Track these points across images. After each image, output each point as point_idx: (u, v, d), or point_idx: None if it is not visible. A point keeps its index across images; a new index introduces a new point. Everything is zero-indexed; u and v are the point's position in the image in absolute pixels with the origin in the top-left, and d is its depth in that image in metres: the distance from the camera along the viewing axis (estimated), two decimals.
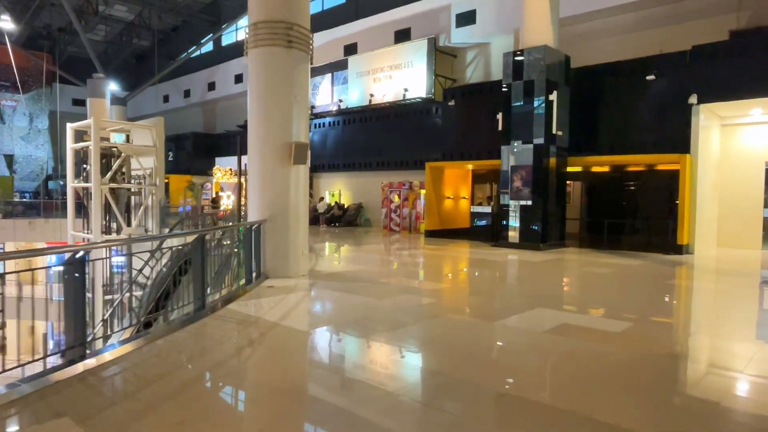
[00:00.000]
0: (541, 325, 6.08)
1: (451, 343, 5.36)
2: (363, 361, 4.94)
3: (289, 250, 9.19)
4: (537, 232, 14.05)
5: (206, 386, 4.16)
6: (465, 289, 8.73)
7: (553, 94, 13.99)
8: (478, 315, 6.73)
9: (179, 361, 4.70)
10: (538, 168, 14.04)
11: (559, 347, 5.24)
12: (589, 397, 3.87)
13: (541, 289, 8.75)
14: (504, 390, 4.05)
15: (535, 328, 6.01)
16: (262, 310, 6.70)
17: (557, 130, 14.28)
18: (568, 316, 6.55)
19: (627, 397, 3.90)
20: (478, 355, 5.01)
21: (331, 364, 4.89)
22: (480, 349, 5.22)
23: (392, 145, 21.81)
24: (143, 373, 4.31)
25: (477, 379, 4.23)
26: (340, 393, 4.05)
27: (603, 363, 4.74)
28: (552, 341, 5.45)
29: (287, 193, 9.15)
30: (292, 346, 5.26)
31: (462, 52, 21.38)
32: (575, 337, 5.59)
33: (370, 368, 4.69)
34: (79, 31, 25.78)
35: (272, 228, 9.06)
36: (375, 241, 16.63)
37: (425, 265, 11.80)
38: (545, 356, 5.00)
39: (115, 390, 4.05)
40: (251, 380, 4.44)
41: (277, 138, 9.04)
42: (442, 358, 4.94)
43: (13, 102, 32.17)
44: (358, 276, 9.85)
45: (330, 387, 4.17)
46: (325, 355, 5.14)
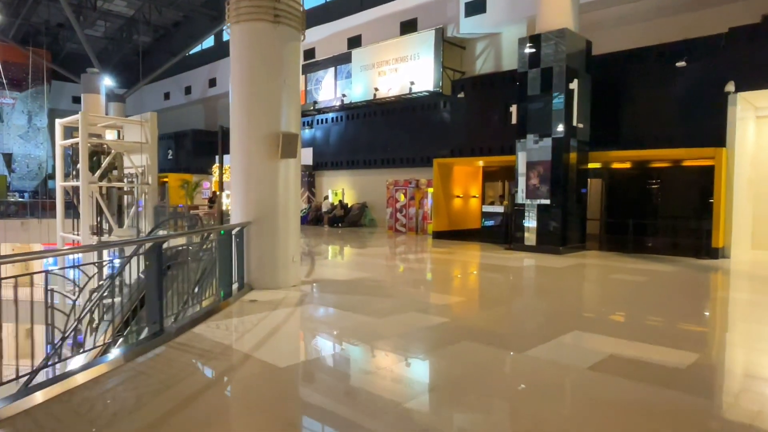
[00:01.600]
0: (583, 358, 4.72)
1: (472, 389, 4.01)
2: (358, 416, 3.60)
3: (278, 257, 7.88)
4: (556, 234, 12.66)
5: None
6: (482, 305, 7.37)
7: (574, 82, 12.58)
8: (503, 342, 5.38)
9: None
10: (557, 164, 12.63)
11: (614, 394, 3.88)
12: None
13: (572, 303, 7.38)
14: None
15: (576, 362, 4.65)
16: (235, 335, 5.38)
17: (578, 123, 12.88)
18: (613, 344, 5.18)
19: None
20: (509, 413, 3.67)
21: (313, 424, 3.56)
22: (511, 402, 3.87)
23: (398, 141, 20.47)
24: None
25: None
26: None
27: (680, 421, 3.38)
28: (602, 384, 4.09)
29: (275, 191, 7.83)
30: (262, 394, 3.93)
31: (471, 44, 20.00)
32: (630, 378, 4.22)
33: (368, 428, 3.36)
34: (75, 26, 24.60)
35: (258, 231, 7.76)
36: (379, 244, 15.28)
37: (434, 272, 10.45)
38: (599, 411, 3.64)
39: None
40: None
41: (263, 128, 7.72)
42: (463, 417, 3.60)
43: (11, 100, 31.08)
44: (358, 286, 8.51)
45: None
46: (305, 409, 3.81)
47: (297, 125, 8.07)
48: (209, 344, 5.01)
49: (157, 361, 4.52)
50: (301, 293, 7.53)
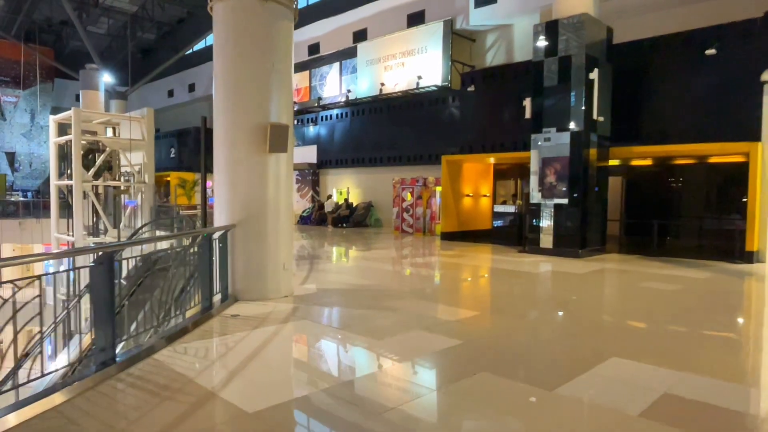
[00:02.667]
0: (630, 399, 3.70)
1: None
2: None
3: (266, 265, 6.91)
4: (574, 236, 11.60)
5: None
6: (498, 321, 6.35)
7: (594, 72, 11.51)
8: (528, 374, 4.37)
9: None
10: (576, 160, 11.57)
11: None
12: None
13: (603, 320, 6.34)
14: None
15: (622, 404, 3.63)
16: (203, 363, 4.42)
17: (598, 116, 11.80)
18: (665, 377, 4.16)
19: None
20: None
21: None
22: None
23: (405, 138, 19.46)
24: None
25: None
26: None
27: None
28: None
29: (264, 190, 6.86)
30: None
31: (481, 36, 18.93)
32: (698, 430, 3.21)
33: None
34: (75, 21, 23.83)
35: (244, 235, 6.79)
36: (384, 245, 14.29)
37: (442, 279, 9.44)
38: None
39: None
40: None
41: (250, 119, 6.75)
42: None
43: (14, 98, 30.40)
44: (358, 296, 7.53)
45: None
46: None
47: (288, 115, 7.10)
48: (167, 377, 4.04)
49: (95, 402, 3.56)
50: (292, 306, 6.56)
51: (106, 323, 4.17)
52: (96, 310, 4.15)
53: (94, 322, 4.17)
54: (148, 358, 4.45)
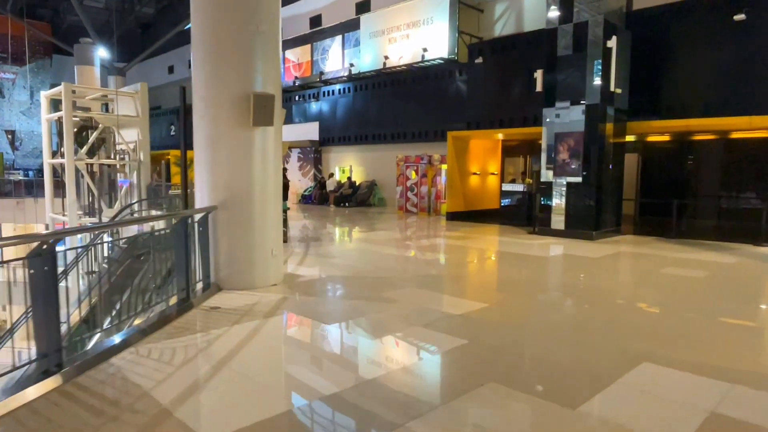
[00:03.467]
0: (670, 422, 3.02)
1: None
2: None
3: (253, 250, 6.24)
4: (588, 217, 10.84)
5: None
6: (509, 315, 5.66)
7: (612, 40, 10.59)
8: (546, 386, 3.69)
9: None
10: (592, 135, 10.75)
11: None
12: None
13: (626, 314, 5.64)
14: None
15: (663, 429, 2.95)
16: (167, 370, 3.77)
17: (615, 88, 10.92)
18: (710, 389, 3.48)
19: None
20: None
21: None
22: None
23: (409, 113, 18.59)
24: None
25: None
26: None
27: None
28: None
29: (249, 168, 6.16)
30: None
31: (490, 6, 17.89)
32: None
33: None
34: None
35: (227, 219, 6.11)
36: (387, 226, 13.60)
37: (448, 265, 8.75)
38: None
39: None
40: None
41: (231, 88, 6.01)
42: None
43: (12, 75, 29.64)
44: (355, 284, 6.87)
45: None
46: None
47: (276, 84, 6.34)
48: (119, 389, 3.40)
49: (23, 424, 2.92)
50: (280, 296, 5.90)
51: (48, 324, 3.52)
52: (35, 309, 3.50)
53: (34, 324, 3.52)
54: (103, 363, 3.82)
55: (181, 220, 5.38)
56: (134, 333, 4.44)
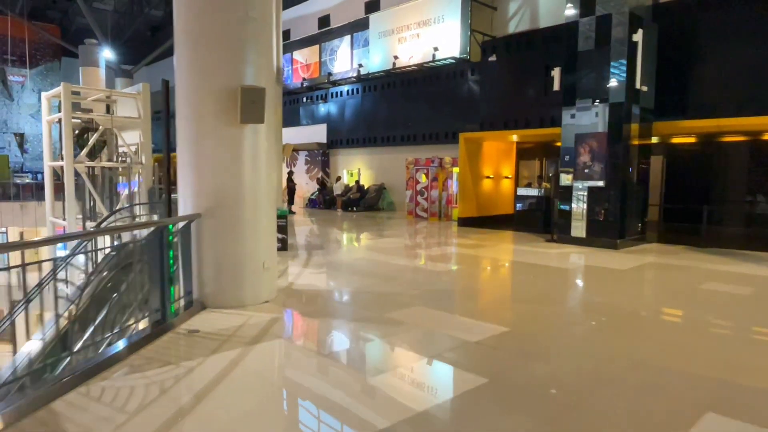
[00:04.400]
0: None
1: None
2: None
3: (243, 263, 5.49)
4: (612, 224, 9.97)
5: None
6: (537, 345, 4.83)
7: (638, 33, 9.74)
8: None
9: None
10: (615, 136, 9.89)
11: None
12: None
13: (671, 344, 4.80)
14: None
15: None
16: (117, 418, 3.02)
17: (641, 85, 10.06)
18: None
19: None
20: None
21: None
22: None
23: (419, 115, 17.83)
24: None
25: None
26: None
27: None
28: None
29: (238, 171, 5.41)
30: None
31: (503, 3, 17.11)
32: None
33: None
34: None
35: (213, 228, 5.37)
36: (395, 233, 12.81)
37: (462, 278, 7.94)
38: None
39: None
40: None
41: (217, 81, 5.28)
42: None
43: (21, 77, 29.32)
44: (358, 301, 6.10)
45: None
46: None
47: (268, 77, 5.60)
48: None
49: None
50: (270, 317, 5.14)
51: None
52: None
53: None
54: (42, 409, 3.08)
55: (155, 231, 4.64)
56: (91, 366, 3.71)
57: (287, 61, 23.33)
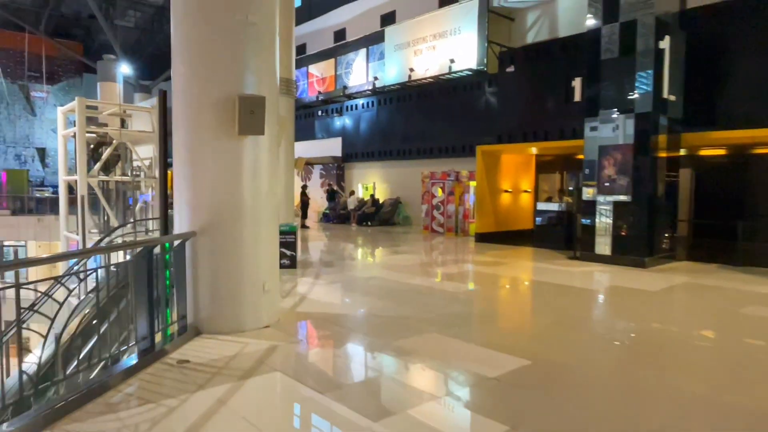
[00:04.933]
0: None
1: None
2: None
3: (241, 285, 5.07)
4: (639, 241, 9.35)
5: None
6: (565, 385, 4.28)
7: (665, 40, 9.20)
8: None
9: None
10: (642, 148, 9.31)
11: None
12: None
13: (719, 375, 4.23)
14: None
15: None
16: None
17: (669, 95, 9.49)
18: None
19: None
20: None
21: None
22: None
23: (436, 127, 17.41)
24: None
25: None
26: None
27: None
28: None
29: (237, 185, 5.01)
30: None
31: (521, 14, 16.68)
32: None
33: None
34: (97, 13, 22.76)
35: (209, 247, 4.96)
36: (410, 249, 12.31)
37: (479, 300, 7.40)
38: None
39: None
40: None
41: (215, 90, 4.91)
42: None
43: (44, 93, 29.71)
44: (367, 327, 5.62)
45: None
46: None
47: (270, 85, 5.22)
48: None
49: None
50: (269, 345, 4.68)
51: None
52: None
53: None
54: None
55: (142, 253, 4.24)
56: (62, 404, 3.29)
57: (303, 74, 23.19)
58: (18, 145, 30.16)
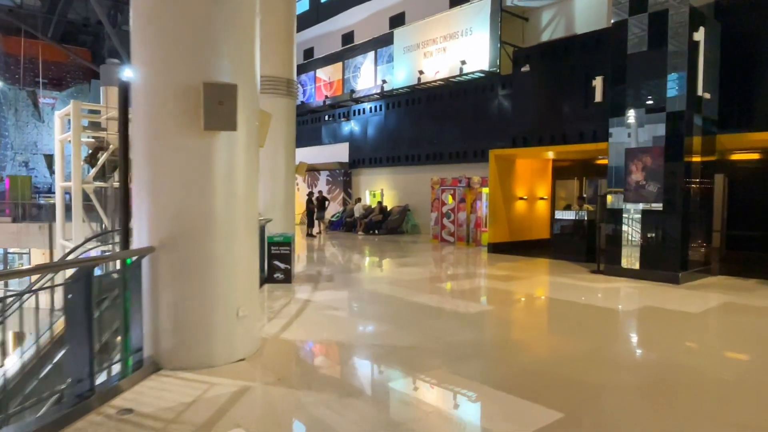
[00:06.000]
0: None
1: None
2: None
3: (211, 310, 4.19)
4: (672, 254, 8.33)
5: None
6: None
7: (700, 32, 8.23)
8: None
9: None
10: (674, 151, 8.31)
11: None
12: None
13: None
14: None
15: None
16: None
17: (703, 92, 8.50)
18: None
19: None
20: None
21: None
22: None
23: (446, 132, 16.52)
24: None
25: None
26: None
27: None
28: None
29: (207, 191, 4.15)
30: None
31: (535, 13, 15.81)
32: None
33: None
34: (103, 19, 22.22)
35: (171, 264, 4.10)
36: (418, 261, 11.37)
37: (492, 323, 6.43)
38: None
39: None
40: None
41: (178, 75, 4.06)
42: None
43: (52, 99, 29.31)
44: (361, 361, 4.69)
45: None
46: None
47: (247, 72, 4.36)
48: None
49: None
50: (239, 385, 3.78)
51: None
52: None
53: None
54: None
55: (79, 274, 3.37)
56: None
57: (310, 79, 22.46)
58: (26, 152, 29.77)
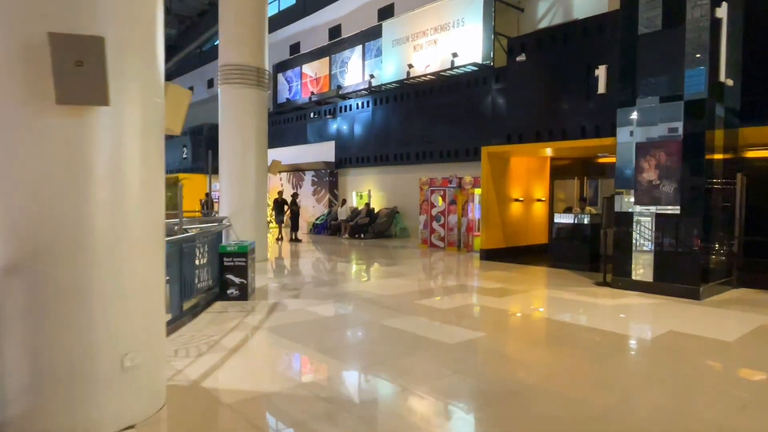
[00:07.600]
0: None
1: None
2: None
3: (86, 359, 2.91)
4: (691, 265, 7.09)
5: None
6: None
7: (722, 7, 7.00)
8: None
9: None
10: (694, 145, 7.08)
11: None
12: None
13: None
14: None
15: None
16: None
17: (726, 78, 7.27)
18: None
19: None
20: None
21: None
22: None
23: (436, 129, 15.30)
24: None
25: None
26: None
27: None
28: None
29: (79, 190, 2.87)
30: None
31: (531, 3, 14.66)
32: None
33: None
34: None
35: (24, 294, 2.81)
36: (403, 270, 10.07)
37: (485, 358, 5.13)
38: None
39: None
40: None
41: (22, 24, 2.77)
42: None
43: None
44: (309, 429, 3.41)
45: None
46: None
47: (143, 22, 3.09)
48: None
49: None
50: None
51: None
52: None
53: None
54: None
55: None
56: None
57: (296, 75, 21.21)
58: None
